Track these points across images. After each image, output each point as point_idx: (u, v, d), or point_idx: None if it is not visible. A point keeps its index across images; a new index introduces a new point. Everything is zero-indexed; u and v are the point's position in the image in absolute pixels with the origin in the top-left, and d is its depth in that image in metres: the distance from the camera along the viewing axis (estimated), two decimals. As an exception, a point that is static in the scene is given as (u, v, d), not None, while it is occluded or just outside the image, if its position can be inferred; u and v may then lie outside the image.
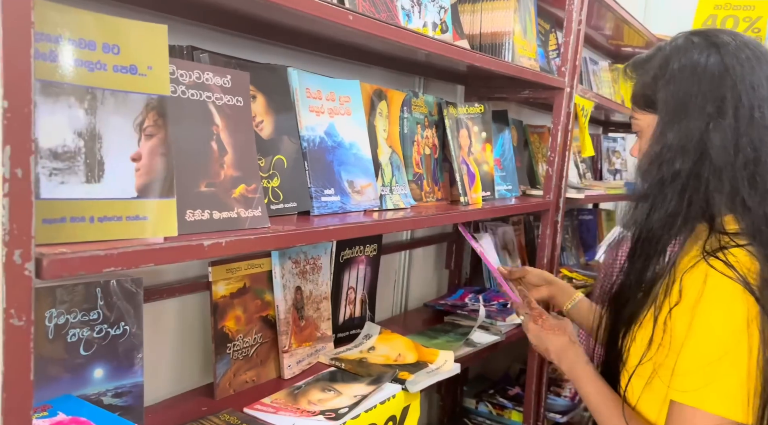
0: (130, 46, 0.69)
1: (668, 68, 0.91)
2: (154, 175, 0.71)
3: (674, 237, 0.89)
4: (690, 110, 0.87)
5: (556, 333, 1.15)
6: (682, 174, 0.86)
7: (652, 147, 0.92)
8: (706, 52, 0.88)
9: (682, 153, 0.87)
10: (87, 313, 0.88)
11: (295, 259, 1.25)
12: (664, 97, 0.90)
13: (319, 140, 1.11)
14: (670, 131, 0.88)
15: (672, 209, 0.88)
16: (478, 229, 1.94)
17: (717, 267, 0.81)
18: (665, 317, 0.85)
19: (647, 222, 0.90)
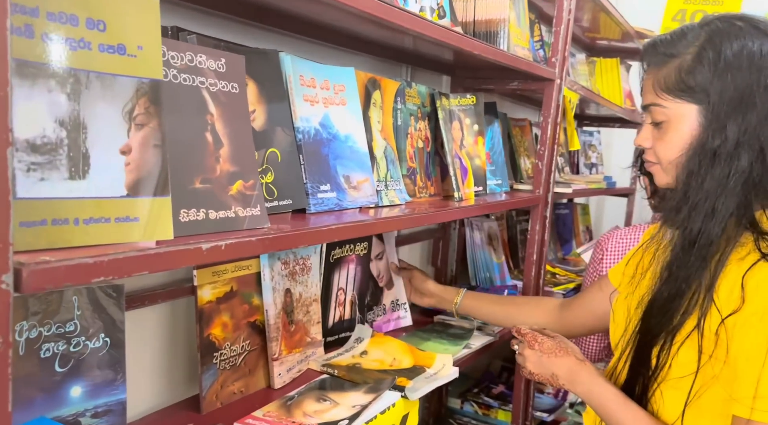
0: (118, 23, 0.60)
1: (720, 54, 0.84)
2: (146, 170, 0.62)
3: (731, 241, 0.82)
4: (750, 103, 0.81)
5: (559, 355, 1.03)
6: (745, 172, 0.81)
7: (706, 142, 0.84)
8: (759, 41, 0.83)
9: (745, 149, 0.81)
10: (62, 325, 0.78)
11: (285, 260, 1.17)
12: (720, 87, 0.83)
13: (314, 132, 1.03)
14: (729, 125, 0.82)
15: (731, 211, 0.81)
16: (463, 224, 1.90)
17: None
18: (717, 328, 0.80)
19: (705, 226, 0.82)
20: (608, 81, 2.84)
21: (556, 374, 1.03)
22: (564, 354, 1.03)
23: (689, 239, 0.84)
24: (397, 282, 1.53)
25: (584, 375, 0.98)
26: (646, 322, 0.90)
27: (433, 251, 1.88)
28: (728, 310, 0.79)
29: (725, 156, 0.82)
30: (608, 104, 2.28)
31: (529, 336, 1.11)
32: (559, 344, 1.06)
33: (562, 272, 2.20)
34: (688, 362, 0.82)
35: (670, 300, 0.86)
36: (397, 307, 1.53)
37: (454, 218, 1.28)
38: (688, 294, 0.83)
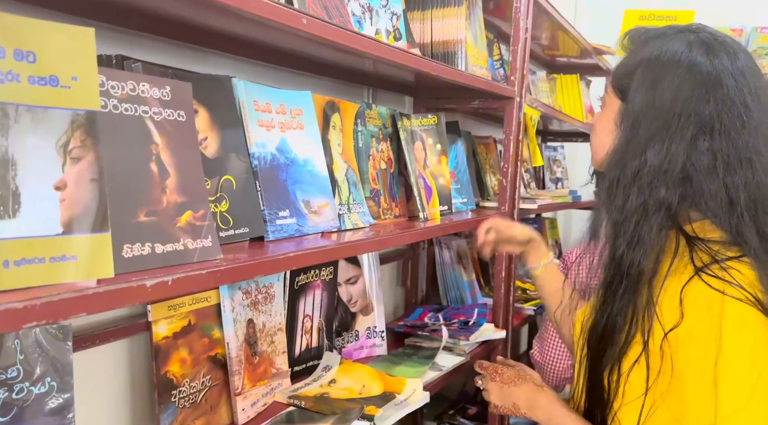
0: (49, 54, 0.57)
1: (656, 66, 0.83)
2: (83, 205, 0.59)
3: (659, 263, 0.82)
4: (673, 127, 0.80)
5: (518, 384, 1.05)
6: (668, 203, 0.80)
7: (627, 160, 0.83)
8: (705, 58, 0.81)
9: (665, 179, 0.79)
10: (4, 371, 0.73)
11: (246, 289, 1.14)
12: (643, 98, 0.83)
13: (271, 158, 1.01)
14: (650, 149, 0.80)
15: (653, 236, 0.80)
16: (432, 243, 1.88)
17: (732, 293, 0.75)
18: (661, 343, 0.79)
19: (630, 255, 0.81)
20: (569, 97, 2.89)
21: (517, 403, 1.04)
22: (522, 382, 1.05)
23: (617, 263, 0.83)
24: (378, 308, 1.49)
25: (543, 400, 0.99)
26: (592, 347, 0.89)
27: (402, 272, 1.86)
28: (670, 325, 0.78)
29: (645, 183, 0.81)
30: (569, 120, 2.31)
31: (490, 369, 1.12)
32: (518, 372, 1.08)
33: (533, 287, 2.20)
34: (640, 382, 0.81)
35: (611, 325, 0.84)
36: (373, 335, 1.50)
37: (419, 239, 1.26)
38: (627, 316, 0.82)
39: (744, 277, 0.76)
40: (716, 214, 0.80)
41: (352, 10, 1.16)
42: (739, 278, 0.76)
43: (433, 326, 1.60)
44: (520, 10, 1.64)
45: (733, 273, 0.76)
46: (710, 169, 0.79)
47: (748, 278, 0.76)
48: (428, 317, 1.69)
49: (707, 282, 0.76)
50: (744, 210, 0.78)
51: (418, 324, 1.65)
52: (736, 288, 0.75)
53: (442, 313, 1.70)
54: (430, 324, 1.63)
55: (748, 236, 0.77)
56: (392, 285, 1.85)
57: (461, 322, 1.63)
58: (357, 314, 1.48)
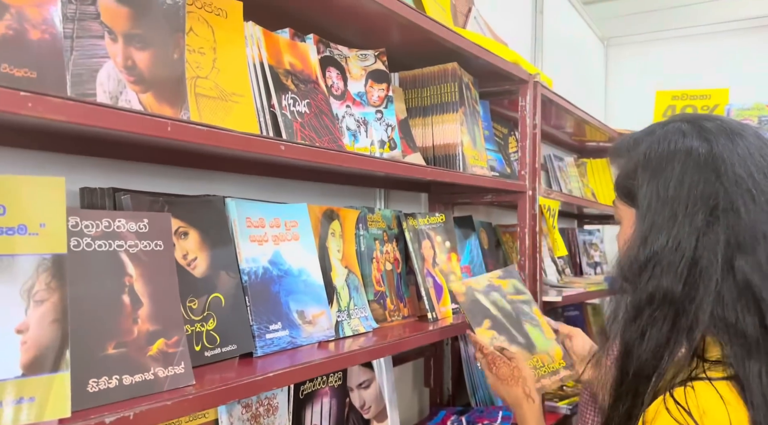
0: (19, 204, 0.62)
1: (652, 162, 0.82)
2: (44, 347, 0.62)
3: (665, 367, 0.77)
4: (678, 218, 0.78)
5: (510, 384, 1.12)
6: (675, 297, 0.76)
7: (636, 254, 0.82)
8: (697, 143, 0.80)
9: (671, 271, 0.77)
10: None
11: (246, 403, 1.13)
12: (647, 195, 0.81)
13: (263, 271, 1.03)
14: (657, 242, 0.78)
15: (665, 338, 0.77)
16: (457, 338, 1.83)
17: (670, 408, 0.71)
18: None
19: (638, 350, 0.78)
20: (601, 179, 2.85)
21: (504, 398, 1.14)
22: (514, 384, 1.11)
23: (624, 359, 0.80)
24: (392, 414, 1.44)
25: (523, 409, 1.08)
26: None
27: (425, 371, 1.80)
28: None
29: (651, 275, 0.78)
30: (593, 205, 2.27)
31: (489, 357, 1.18)
32: (513, 371, 1.13)
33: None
34: None
35: None
36: (389, 439, 1.45)
37: (423, 343, 1.24)
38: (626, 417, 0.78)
39: (697, 402, 0.71)
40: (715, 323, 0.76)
41: (347, 125, 1.22)
42: (690, 398, 0.71)
43: (455, 431, 1.52)
44: (526, 108, 1.67)
45: (687, 393, 0.72)
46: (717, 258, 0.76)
47: (702, 405, 0.70)
48: (451, 420, 1.62)
49: (666, 402, 0.72)
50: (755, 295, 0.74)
51: (439, 428, 1.58)
52: (678, 409, 0.71)
53: (466, 416, 1.62)
54: (451, 430, 1.55)
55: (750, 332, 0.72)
56: (416, 385, 1.80)
57: (484, 427, 1.54)
58: (371, 422, 1.43)
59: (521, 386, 1.10)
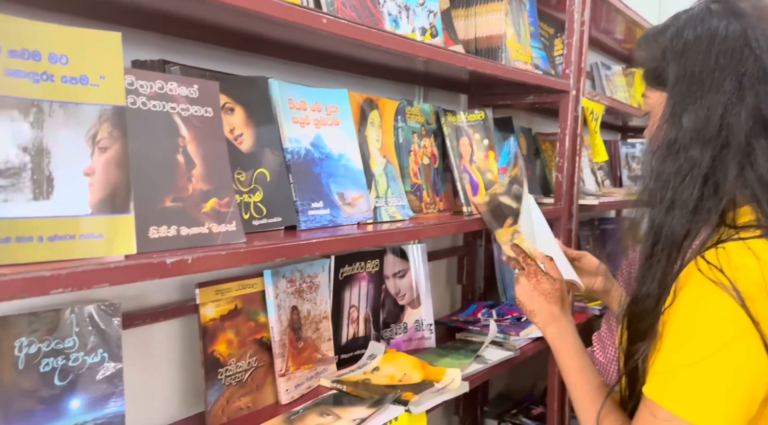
0: (80, 56, 0.66)
1: (682, 39, 0.82)
2: (109, 190, 0.67)
3: (695, 236, 0.80)
4: (705, 88, 0.79)
5: (548, 300, 1.08)
6: (703, 164, 0.78)
7: (666, 132, 0.83)
8: (726, 21, 0.79)
9: (700, 140, 0.78)
10: (61, 341, 0.84)
11: (290, 278, 1.21)
12: (675, 71, 0.82)
13: (305, 152, 1.07)
14: (685, 114, 0.80)
15: (693, 205, 0.79)
16: (490, 240, 1.87)
17: (702, 267, 0.73)
18: (662, 322, 0.77)
19: (667, 220, 0.80)
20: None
21: (534, 312, 1.09)
22: (552, 301, 1.08)
23: (655, 232, 0.81)
24: (426, 302, 1.52)
25: (555, 327, 1.05)
26: (629, 326, 0.86)
27: (458, 269, 1.86)
28: (668, 304, 0.76)
29: (680, 147, 0.79)
30: (640, 113, 2.20)
31: (532, 267, 1.13)
32: (554, 292, 1.09)
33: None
34: None
35: (644, 297, 0.82)
36: (421, 327, 1.52)
37: (456, 232, 1.27)
38: (658, 285, 0.80)
39: (729, 259, 0.72)
40: (747, 185, 0.77)
41: (388, 10, 1.20)
42: (723, 257, 0.72)
43: (485, 321, 1.59)
44: (575, 2, 1.60)
45: (719, 253, 0.73)
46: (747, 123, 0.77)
47: (736, 261, 0.72)
48: (481, 313, 1.69)
49: (697, 264, 0.74)
50: None
51: (470, 319, 1.65)
52: (710, 267, 0.73)
53: (496, 309, 1.68)
54: (482, 320, 1.62)
55: None
56: (448, 282, 1.86)
57: (514, 318, 1.61)
58: (405, 307, 1.51)
59: (558, 303, 1.08)
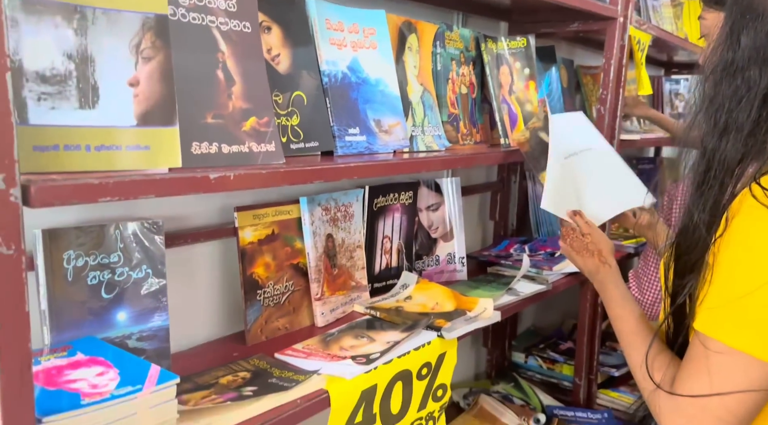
0: (120, -38, 0.64)
1: None
2: (154, 101, 0.67)
3: (750, 161, 0.76)
4: (766, 3, 0.74)
5: (584, 256, 1.13)
6: (762, 84, 0.73)
7: (722, 53, 0.79)
8: None
9: (759, 59, 0.74)
10: (107, 256, 0.86)
11: (325, 206, 1.21)
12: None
13: (342, 76, 1.05)
14: (744, 32, 0.75)
15: (750, 128, 0.75)
16: (525, 177, 1.84)
17: (756, 194, 0.70)
18: (712, 252, 0.75)
19: (720, 145, 0.77)
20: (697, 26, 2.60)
21: (580, 267, 1.16)
22: (588, 256, 1.13)
23: (708, 158, 0.78)
24: (459, 235, 1.51)
25: (600, 275, 1.08)
26: (677, 256, 0.84)
27: (491, 205, 1.84)
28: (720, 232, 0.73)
29: (738, 68, 0.75)
30: (689, 46, 2.09)
31: (565, 229, 1.20)
32: (588, 245, 1.14)
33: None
34: None
35: (695, 225, 0.79)
36: (453, 260, 1.53)
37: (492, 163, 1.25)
38: (710, 212, 0.77)
39: None
40: None
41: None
42: None
43: (518, 256, 1.59)
44: None
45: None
46: None
47: None
48: (514, 248, 1.68)
49: (751, 190, 0.71)
50: None
51: (502, 254, 1.65)
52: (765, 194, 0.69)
53: (529, 245, 1.68)
54: (514, 255, 1.62)
55: None
56: (481, 218, 1.85)
57: (547, 254, 1.60)
58: (438, 240, 1.51)
59: (596, 256, 1.11)
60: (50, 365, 0.71)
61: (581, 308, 1.65)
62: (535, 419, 1.58)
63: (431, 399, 1.13)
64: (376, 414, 1.01)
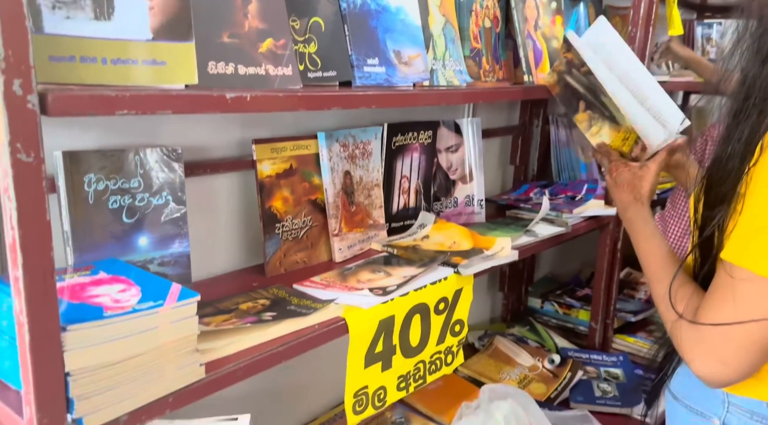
0: None
1: None
2: (169, 15, 0.66)
3: None
4: None
5: (624, 190, 1.13)
6: None
7: None
8: None
9: None
10: (127, 181, 0.87)
11: (344, 142, 1.20)
12: None
13: (361, 2, 1.02)
14: None
15: None
16: (548, 121, 1.80)
17: None
18: (745, 182, 0.73)
19: (762, 72, 0.73)
20: (736, -39, 2.47)
21: (616, 205, 1.15)
22: (624, 191, 1.13)
23: (747, 86, 0.74)
24: (478, 177, 1.50)
25: (630, 212, 1.09)
26: (708, 194, 0.82)
27: (511, 149, 1.82)
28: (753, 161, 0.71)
29: None
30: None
31: (613, 164, 1.20)
32: (630, 181, 1.14)
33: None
34: None
35: (729, 155, 0.77)
36: (471, 202, 1.52)
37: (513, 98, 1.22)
38: (745, 141, 0.74)
39: None
40: None
41: None
42: None
43: (537, 200, 1.57)
44: None
45: None
46: None
47: None
48: (534, 192, 1.66)
49: None
50: None
51: (522, 198, 1.63)
52: None
53: (550, 188, 1.66)
54: (534, 198, 1.60)
55: None
56: (501, 162, 1.83)
57: (568, 197, 1.58)
58: (456, 182, 1.50)
59: (633, 192, 1.11)
60: (73, 282, 0.73)
61: (600, 252, 1.64)
62: (550, 359, 1.60)
63: (449, 333, 1.14)
64: (396, 345, 1.03)
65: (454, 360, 1.17)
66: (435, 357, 1.13)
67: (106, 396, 0.63)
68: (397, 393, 1.06)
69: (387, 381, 1.03)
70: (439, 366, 1.14)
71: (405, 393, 1.07)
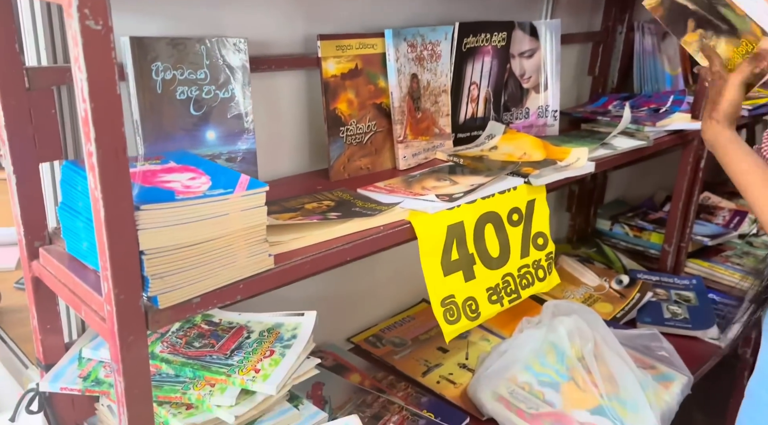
0: None
1: None
2: None
3: None
4: None
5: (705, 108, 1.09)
6: None
7: None
8: None
9: None
10: (194, 72, 0.85)
11: (411, 41, 1.14)
12: None
13: None
14: None
15: None
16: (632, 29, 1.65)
17: None
18: None
19: None
20: None
21: None
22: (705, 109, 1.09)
23: None
24: (553, 86, 1.40)
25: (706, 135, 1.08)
26: None
27: (591, 58, 1.68)
28: None
29: None
30: None
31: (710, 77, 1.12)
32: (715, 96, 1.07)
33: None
34: None
35: None
36: (544, 114, 1.43)
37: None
38: None
39: None
40: None
41: None
42: None
43: (617, 112, 1.46)
44: None
45: None
46: None
47: None
48: (613, 105, 1.55)
49: None
50: None
51: (599, 110, 1.53)
52: None
53: (631, 101, 1.54)
54: (613, 111, 1.49)
55: None
56: (579, 73, 1.70)
57: (651, 109, 1.46)
58: (529, 91, 1.41)
59: (710, 110, 1.06)
60: (145, 168, 0.73)
61: (681, 170, 1.53)
62: (618, 280, 1.55)
63: (532, 246, 1.10)
64: (473, 254, 1.00)
65: (546, 277, 1.13)
66: (523, 270, 1.09)
67: (180, 277, 0.64)
68: (491, 306, 1.03)
69: (475, 291, 1.00)
70: (531, 280, 1.10)
71: (500, 307, 1.04)
